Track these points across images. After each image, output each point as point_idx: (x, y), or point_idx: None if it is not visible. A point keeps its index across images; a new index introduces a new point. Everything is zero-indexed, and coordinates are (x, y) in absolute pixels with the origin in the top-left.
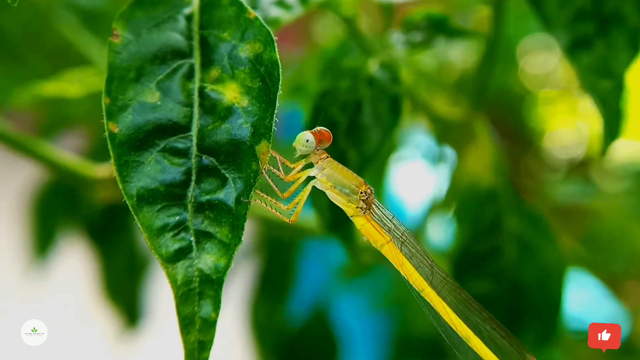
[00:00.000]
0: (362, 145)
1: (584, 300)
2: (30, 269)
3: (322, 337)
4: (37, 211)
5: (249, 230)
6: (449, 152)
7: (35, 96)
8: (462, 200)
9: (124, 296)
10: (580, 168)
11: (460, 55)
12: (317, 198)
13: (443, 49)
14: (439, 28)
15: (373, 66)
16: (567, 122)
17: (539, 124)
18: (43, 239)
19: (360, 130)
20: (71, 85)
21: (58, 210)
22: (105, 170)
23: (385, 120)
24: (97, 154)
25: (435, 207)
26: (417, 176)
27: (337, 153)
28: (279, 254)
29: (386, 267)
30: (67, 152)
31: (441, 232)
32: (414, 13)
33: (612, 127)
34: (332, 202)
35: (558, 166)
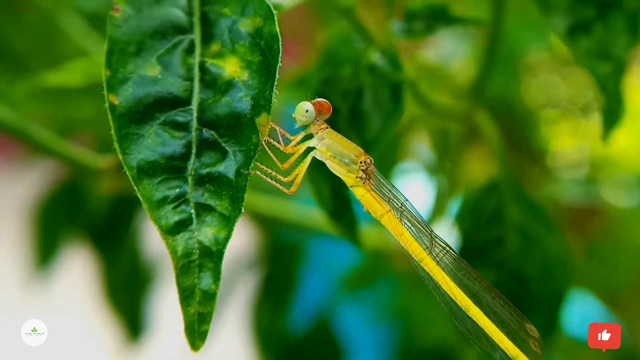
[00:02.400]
0: (363, 132)
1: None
2: (32, 279)
3: (324, 345)
4: (39, 222)
5: (252, 237)
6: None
7: (37, 87)
8: (465, 191)
9: (127, 307)
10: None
11: (461, 51)
12: (320, 187)
13: (444, 46)
14: (440, 16)
15: (374, 54)
16: (569, 143)
17: (543, 143)
18: (45, 250)
19: (361, 117)
20: (74, 76)
21: (60, 220)
22: (109, 160)
23: (386, 107)
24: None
25: (436, 215)
26: (418, 187)
27: None
28: (282, 260)
29: (391, 278)
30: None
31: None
32: (415, 2)
33: (612, 110)
34: (334, 191)
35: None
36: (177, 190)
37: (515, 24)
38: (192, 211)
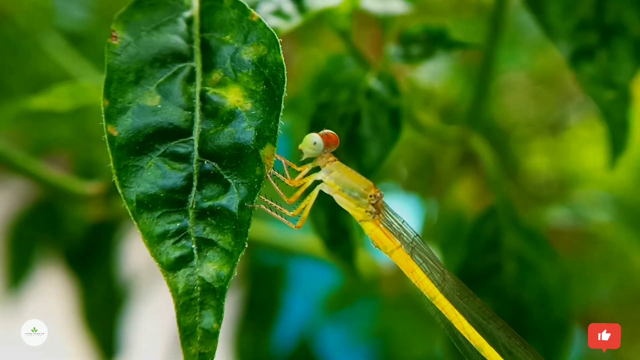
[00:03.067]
0: (361, 158)
1: None
2: (4, 299)
3: None
4: (12, 242)
5: None
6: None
7: (23, 111)
8: (456, 221)
9: (102, 330)
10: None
11: (443, 72)
12: (316, 214)
13: (435, 70)
14: (438, 40)
15: (371, 78)
16: (541, 162)
17: (516, 163)
18: (17, 271)
19: (359, 142)
20: (61, 100)
21: (34, 241)
22: (95, 187)
23: (385, 133)
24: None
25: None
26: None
27: None
28: (264, 282)
29: (370, 299)
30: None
31: None
32: (412, 26)
33: (618, 139)
34: (331, 218)
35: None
36: (178, 224)
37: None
38: (194, 246)
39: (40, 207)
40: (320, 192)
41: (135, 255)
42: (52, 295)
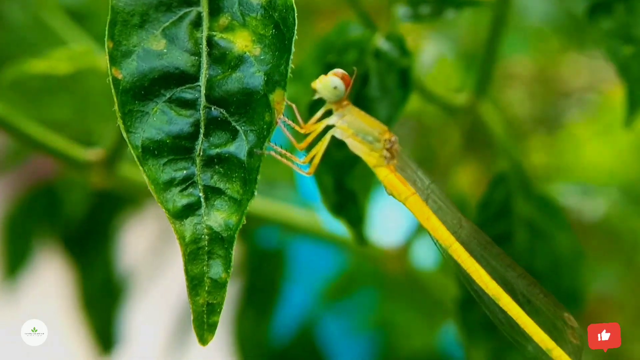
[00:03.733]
0: None
1: None
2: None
3: (308, 356)
4: (9, 233)
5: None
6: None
7: (23, 73)
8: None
9: (100, 320)
10: None
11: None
12: (322, 178)
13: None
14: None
15: (379, 39)
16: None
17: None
18: (14, 260)
19: (367, 103)
20: (60, 63)
21: (32, 230)
22: (97, 153)
23: (394, 94)
24: None
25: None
26: None
27: None
28: (264, 268)
29: (372, 288)
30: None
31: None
32: None
33: (635, 94)
34: (338, 182)
35: None
36: (185, 172)
37: None
38: (201, 194)
39: (37, 193)
40: (331, 139)
41: (134, 245)
42: (50, 285)
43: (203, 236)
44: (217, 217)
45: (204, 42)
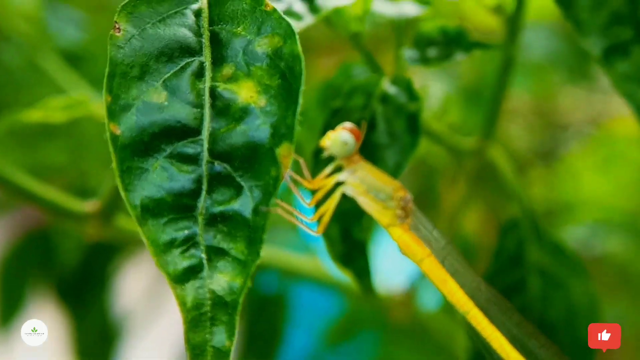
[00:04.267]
0: (377, 166)
1: None
2: None
3: None
4: (2, 279)
5: None
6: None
7: (18, 122)
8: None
9: None
10: None
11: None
12: (328, 228)
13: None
14: (456, 42)
15: (385, 82)
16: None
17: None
18: (8, 310)
19: (374, 150)
20: (56, 112)
21: (26, 276)
22: (93, 205)
23: (402, 140)
24: None
25: None
26: None
27: None
28: (264, 312)
29: (374, 330)
30: None
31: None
32: (427, 27)
33: None
34: (344, 232)
35: None
36: (186, 231)
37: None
38: (203, 255)
39: (32, 239)
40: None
41: (130, 289)
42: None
43: (205, 301)
44: (221, 279)
45: (207, 94)
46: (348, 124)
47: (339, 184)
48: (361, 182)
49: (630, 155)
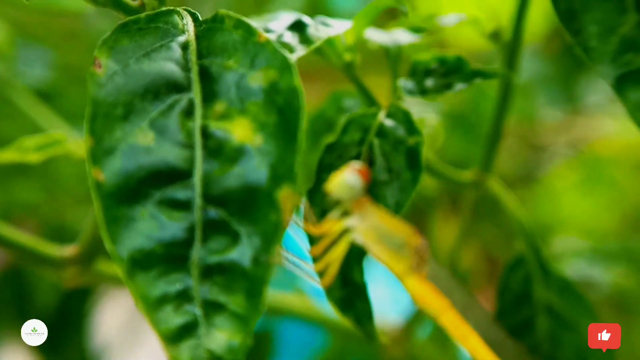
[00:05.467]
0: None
1: None
2: None
3: None
4: None
5: None
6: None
7: None
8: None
9: None
10: None
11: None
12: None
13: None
14: (456, 71)
15: (382, 115)
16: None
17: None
18: None
19: (372, 187)
20: (30, 152)
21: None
22: (71, 250)
23: (402, 177)
24: None
25: None
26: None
27: None
28: (252, 352)
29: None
30: None
31: None
32: (424, 57)
33: None
34: (344, 276)
35: None
36: (179, 285)
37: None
38: (199, 311)
39: (4, 279)
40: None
41: (108, 320)
42: None
43: None
44: (219, 337)
45: (198, 133)
46: (355, 164)
47: (346, 231)
48: (372, 229)
49: (611, 176)
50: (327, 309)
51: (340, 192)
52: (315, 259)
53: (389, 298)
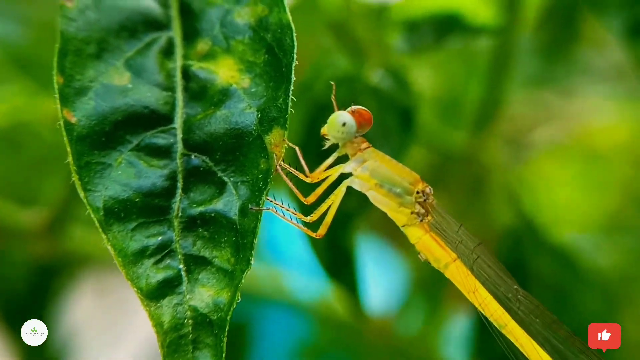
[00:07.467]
0: None
1: None
2: None
3: None
4: None
5: None
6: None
7: None
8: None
9: None
10: None
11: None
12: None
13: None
14: (451, 25)
15: (375, 73)
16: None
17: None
18: None
19: None
20: None
21: None
22: (38, 215)
23: (395, 136)
24: None
25: None
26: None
27: None
28: (234, 336)
29: (345, 351)
30: None
31: None
32: (417, 11)
33: None
34: (331, 238)
35: None
36: (160, 238)
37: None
38: (181, 266)
39: None
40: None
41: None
42: None
43: (186, 320)
44: (203, 294)
45: (179, 74)
46: (354, 106)
47: (344, 176)
48: (372, 174)
49: (606, 165)
50: (307, 294)
51: (333, 132)
52: (310, 208)
53: (380, 287)
